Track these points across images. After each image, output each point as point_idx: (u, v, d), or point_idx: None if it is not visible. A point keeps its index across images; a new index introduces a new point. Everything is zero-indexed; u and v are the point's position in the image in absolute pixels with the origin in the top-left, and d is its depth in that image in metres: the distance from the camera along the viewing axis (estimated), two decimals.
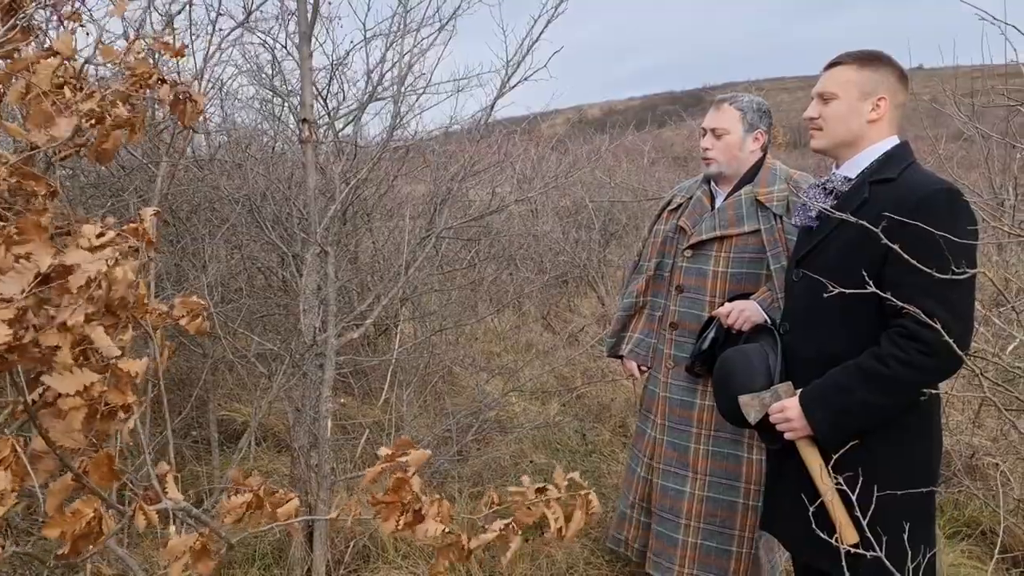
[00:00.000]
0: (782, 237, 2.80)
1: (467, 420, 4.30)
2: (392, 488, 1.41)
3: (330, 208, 3.19)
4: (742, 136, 2.90)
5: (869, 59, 2.13)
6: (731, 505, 2.89)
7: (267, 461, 4.35)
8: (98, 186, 4.04)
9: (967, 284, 1.89)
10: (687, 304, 2.98)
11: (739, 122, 2.89)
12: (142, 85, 1.64)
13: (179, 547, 1.11)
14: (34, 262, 0.90)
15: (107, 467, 1.05)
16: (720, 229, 2.90)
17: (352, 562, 3.32)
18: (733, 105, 2.92)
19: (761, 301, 2.72)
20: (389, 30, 3.85)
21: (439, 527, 1.42)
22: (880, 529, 1.84)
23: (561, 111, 13.03)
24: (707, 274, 2.93)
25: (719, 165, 2.93)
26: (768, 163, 2.94)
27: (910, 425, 2.03)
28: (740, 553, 2.88)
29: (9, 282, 0.88)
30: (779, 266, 2.76)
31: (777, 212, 2.82)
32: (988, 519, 3.65)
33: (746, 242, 2.86)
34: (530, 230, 7.76)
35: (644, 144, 10.03)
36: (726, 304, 2.75)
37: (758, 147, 2.93)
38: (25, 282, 0.89)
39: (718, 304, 2.83)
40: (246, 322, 4.12)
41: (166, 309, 1.71)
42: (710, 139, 2.94)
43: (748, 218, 2.86)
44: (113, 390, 1.01)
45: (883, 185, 2.04)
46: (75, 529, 1.02)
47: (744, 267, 2.88)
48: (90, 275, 0.93)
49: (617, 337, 3.24)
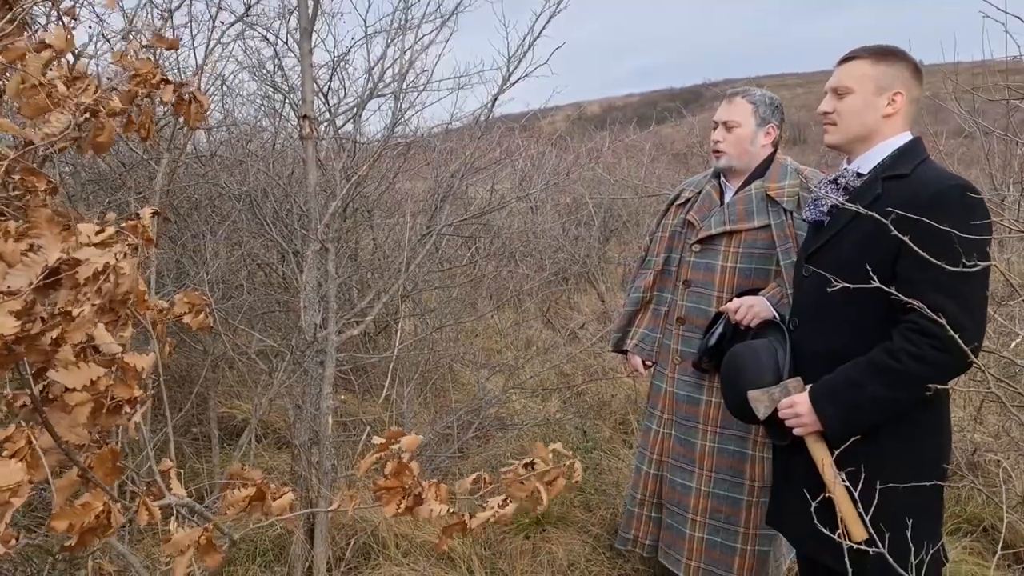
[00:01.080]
0: (792, 233, 2.78)
1: (468, 417, 4.30)
2: (392, 472, 1.43)
3: (331, 205, 3.19)
4: (754, 130, 2.87)
5: (884, 54, 2.11)
6: (735, 502, 2.89)
7: (268, 458, 4.35)
8: (98, 182, 4.04)
9: (980, 280, 1.88)
10: (694, 299, 2.96)
11: (751, 115, 2.87)
12: (145, 84, 1.63)
13: (184, 541, 1.11)
14: (42, 255, 0.90)
15: (111, 463, 1.04)
16: (730, 224, 2.87)
17: (353, 559, 3.32)
18: (745, 98, 2.89)
19: (770, 297, 2.70)
20: (390, 26, 3.85)
21: (441, 507, 1.44)
22: (888, 525, 1.84)
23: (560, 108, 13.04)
24: (715, 269, 2.91)
25: (729, 158, 2.90)
26: (779, 159, 2.92)
27: (920, 421, 2.02)
28: (745, 550, 2.88)
29: (17, 275, 0.88)
30: (789, 262, 2.74)
31: (788, 208, 2.79)
32: (990, 515, 3.65)
33: (756, 237, 2.84)
34: (530, 227, 7.75)
35: (645, 142, 10.01)
36: (734, 300, 2.73)
37: (769, 142, 2.90)
38: (33, 275, 0.89)
39: (726, 300, 2.81)
40: (247, 319, 4.12)
41: (167, 306, 1.71)
42: (721, 132, 2.91)
43: (758, 213, 2.84)
44: (119, 384, 1.00)
45: (896, 181, 2.03)
46: (84, 522, 1.02)
47: (753, 262, 2.85)
48: (98, 267, 0.93)
49: (622, 332, 3.23)
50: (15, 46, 1.28)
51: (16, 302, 0.87)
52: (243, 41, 4.22)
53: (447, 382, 5.37)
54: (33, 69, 1.25)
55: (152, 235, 1.25)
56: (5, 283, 0.88)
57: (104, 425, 1.03)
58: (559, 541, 3.49)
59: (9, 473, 0.93)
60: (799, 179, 2.84)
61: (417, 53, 3.75)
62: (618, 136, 9.99)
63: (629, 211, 8.78)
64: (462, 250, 6.74)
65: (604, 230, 8.57)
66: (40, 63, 1.27)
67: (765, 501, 2.84)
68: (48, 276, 0.91)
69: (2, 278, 0.88)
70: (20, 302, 0.87)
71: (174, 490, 1.19)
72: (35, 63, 1.26)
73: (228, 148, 4.51)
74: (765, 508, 2.83)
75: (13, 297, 0.87)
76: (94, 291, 0.92)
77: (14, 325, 0.87)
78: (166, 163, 3.00)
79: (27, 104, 1.33)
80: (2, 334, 0.85)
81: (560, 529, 3.63)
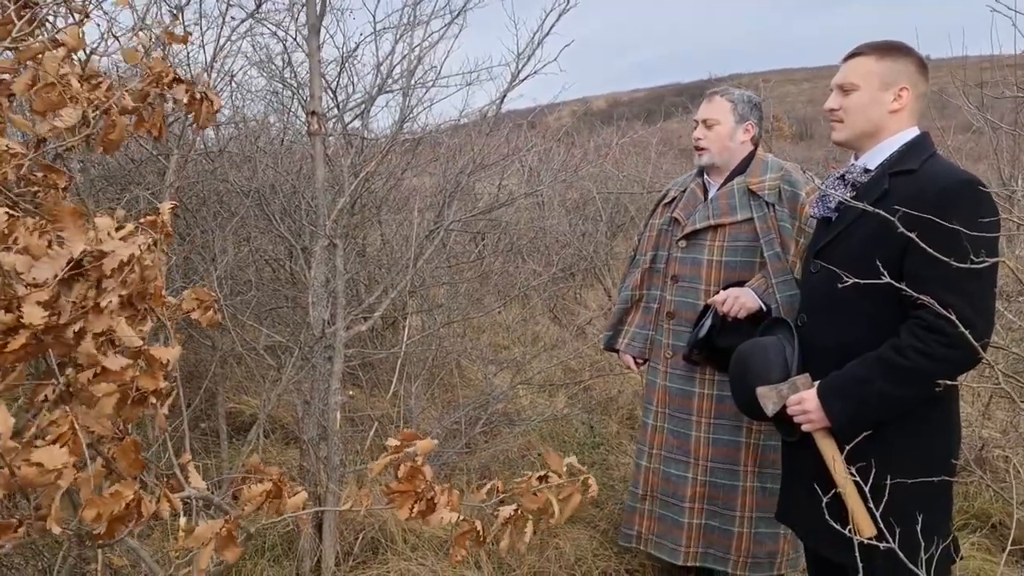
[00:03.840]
0: (775, 224, 2.86)
1: (475, 413, 4.31)
2: (406, 477, 1.43)
3: (339, 201, 3.20)
4: (733, 127, 2.98)
5: (889, 49, 2.11)
6: (732, 488, 2.96)
7: (276, 453, 4.36)
8: (108, 179, 4.05)
9: (988, 277, 1.88)
10: (683, 293, 3.04)
11: (730, 113, 2.98)
12: (158, 83, 1.64)
13: (206, 534, 1.12)
14: (67, 248, 0.91)
15: (134, 454, 1.06)
16: (714, 218, 2.96)
17: (361, 553, 3.33)
18: (724, 97, 3.01)
19: (756, 288, 2.80)
20: (399, 22, 3.85)
21: (453, 515, 1.44)
22: (897, 521, 1.84)
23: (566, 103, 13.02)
24: (702, 263, 2.99)
25: (711, 155, 3.00)
26: (759, 155, 3.02)
27: (929, 417, 2.02)
28: (741, 533, 2.96)
29: (42, 267, 0.90)
30: (772, 253, 2.83)
31: (769, 200, 2.89)
32: (999, 512, 3.64)
33: (739, 231, 2.93)
34: (537, 223, 7.74)
35: (652, 137, 9.98)
36: (721, 292, 2.82)
37: (748, 139, 3.01)
38: (58, 267, 0.90)
39: (713, 293, 2.89)
40: (255, 315, 4.13)
41: (177, 302, 1.72)
42: (702, 130, 3.02)
43: (741, 207, 2.93)
44: (145, 375, 1.01)
45: (904, 176, 2.02)
46: (113, 510, 1.03)
47: (738, 255, 2.93)
48: (123, 259, 0.94)
49: (614, 330, 3.30)
50: (31, 45, 1.29)
51: (43, 292, 0.89)
52: (252, 37, 4.22)
53: (454, 378, 5.38)
54: (49, 67, 1.26)
55: (170, 230, 1.26)
56: (31, 275, 0.90)
57: (130, 417, 1.04)
58: (566, 536, 3.50)
59: (55, 456, 0.95)
60: (781, 172, 2.93)
61: (426, 49, 3.76)
62: (624, 132, 9.97)
63: (637, 207, 8.75)
64: (470, 246, 6.74)
65: (611, 226, 8.56)
66: (56, 61, 1.28)
67: (761, 485, 2.93)
68: (72, 268, 0.93)
69: (28, 270, 0.90)
70: (47, 293, 0.88)
71: (193, 483, 1.21)
72: (51, 61, 1.27)
73: (237, 144, 4.51)
74: (762, 491, 2.92)
75: (39, 288, 0.88)
76: (119, 282, 0.94)
77: (42, 316, 0.88)
78: (176, 160, 3.01)
79: (40, 99, 1.35)
80: (31, 323, 0.87)
81: (567, 524, 3.63)
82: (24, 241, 0.89)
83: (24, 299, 0.88)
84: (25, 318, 0.88)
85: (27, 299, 0.87)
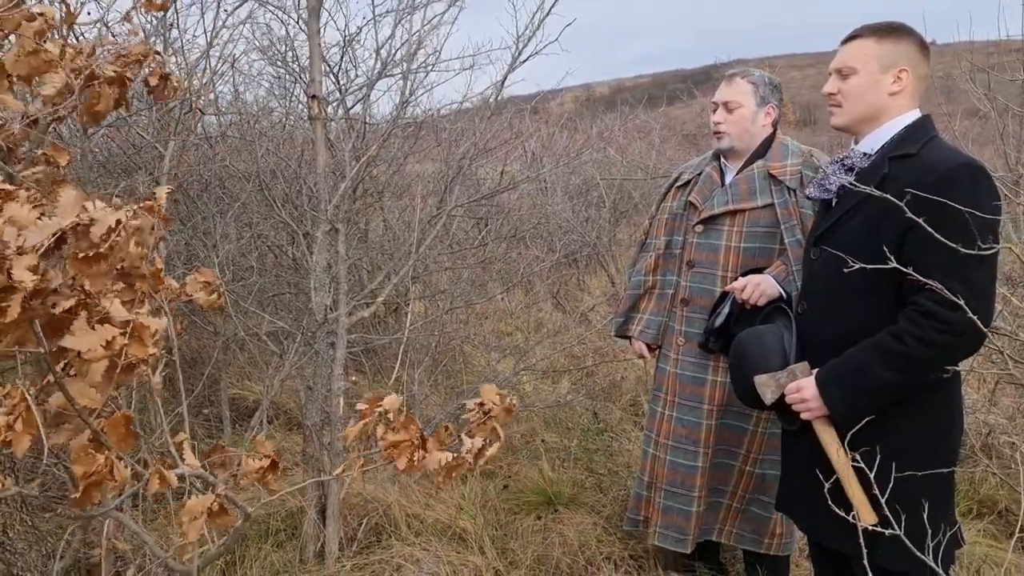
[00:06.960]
0: (796, 211, 2.77)
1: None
2: (400, 426, 1.46)
3: (340, 186, 3.17)
4: (754, 109, 2.85)
5: (888, 30, 2.07)
6: (728, 468, 2.97)
7: (279, 439, 4.37)
8: (107, 165, 4.03)
9: (988, 263, 1.85)
10: (699, 280, 2.94)
11: (751, 95, 2.85)
12: (136, 62, 1.64)
13: (197, 508, 1.12)
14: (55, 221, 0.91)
15: (125, 428, 1.05)
16: (733, 203, 2.85)
17: (365, 538, 3.33)
18: (745, 79, 2.87)
19: (776, 275, 2.67)
20: (399, 6, 3.82)
21: (447, 454, 1.55)
22: (899, 508, 1.82)
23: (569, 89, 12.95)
24: (719, 249, 2.89)
25: (731, 139, 2.88)
26: (780, 138, 2.91)
27: (930, 404, 2.00)
28: (730, 506, 3.00)
29: (32, 234, 0.90)
30: (793, 239, 2.73)
31: (791, 186, 2.78)
32: (1005, 498, 3.63)
33: (759, 216, 2.83)
34: (540, 209, 7.72)
35: (656, 122, 9.92)
36: (740, 279, 2.70)
37: (769, 122, 2.88)
38: (45, 235, 0.90)
39: (731, 279, 2.78)
40: (257, 300, 4.12)
41: (178, 286, 1.71)
42: (722, 113, 2.89)
43: (761, 192, 2.83)
44: (134, 342, 1.01)
45: (904, 160, 1.98)
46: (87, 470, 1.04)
47: (757, 241, 2.84)
48: (110, 224, 0.94)
49: (626, 317, 3.19)
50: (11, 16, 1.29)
51: (31, 256, 0.89)
52: (253, 21, 4.19)
53: (458, 364, 5.37)
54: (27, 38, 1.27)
55: (165, 214, 1.25)
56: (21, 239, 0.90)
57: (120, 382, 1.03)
58: (570, 522, 3.49)
59: None
60: (802, 158, 2.83)
61: (426, 33, 3.73)
62: (628, 117, 9.93)
63: (641, 192, 8.72)
64: (472, 232, 6.72)
65: (615, 212, 8.52)
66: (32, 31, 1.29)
67: (761, 472, 2.93)
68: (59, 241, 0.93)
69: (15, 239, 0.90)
70: (34, 256, 0.89)
71: (187, 460, 1.20)
72: (29, 31, 1.28)
73: (238, 129, 4.49)
74: (761, 476, 2.93)
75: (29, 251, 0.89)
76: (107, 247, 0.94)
77: (32, 279, 0.88)
78: (174, 145, 2.99)
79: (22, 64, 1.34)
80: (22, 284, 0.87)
81: (571, 510, 3.63)
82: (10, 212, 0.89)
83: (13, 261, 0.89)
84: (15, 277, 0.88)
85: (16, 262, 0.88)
